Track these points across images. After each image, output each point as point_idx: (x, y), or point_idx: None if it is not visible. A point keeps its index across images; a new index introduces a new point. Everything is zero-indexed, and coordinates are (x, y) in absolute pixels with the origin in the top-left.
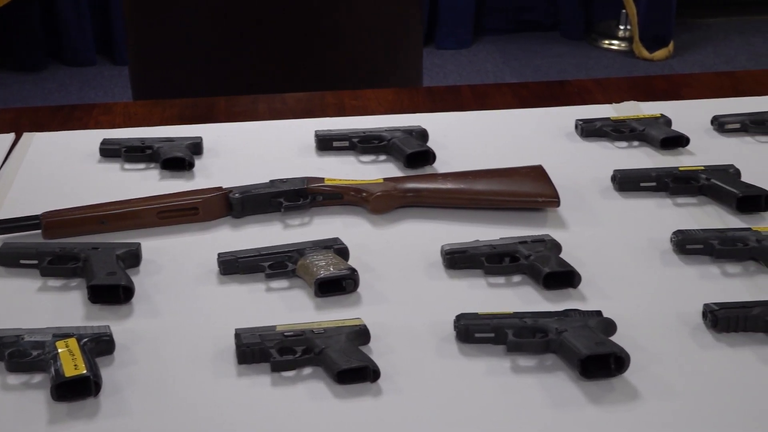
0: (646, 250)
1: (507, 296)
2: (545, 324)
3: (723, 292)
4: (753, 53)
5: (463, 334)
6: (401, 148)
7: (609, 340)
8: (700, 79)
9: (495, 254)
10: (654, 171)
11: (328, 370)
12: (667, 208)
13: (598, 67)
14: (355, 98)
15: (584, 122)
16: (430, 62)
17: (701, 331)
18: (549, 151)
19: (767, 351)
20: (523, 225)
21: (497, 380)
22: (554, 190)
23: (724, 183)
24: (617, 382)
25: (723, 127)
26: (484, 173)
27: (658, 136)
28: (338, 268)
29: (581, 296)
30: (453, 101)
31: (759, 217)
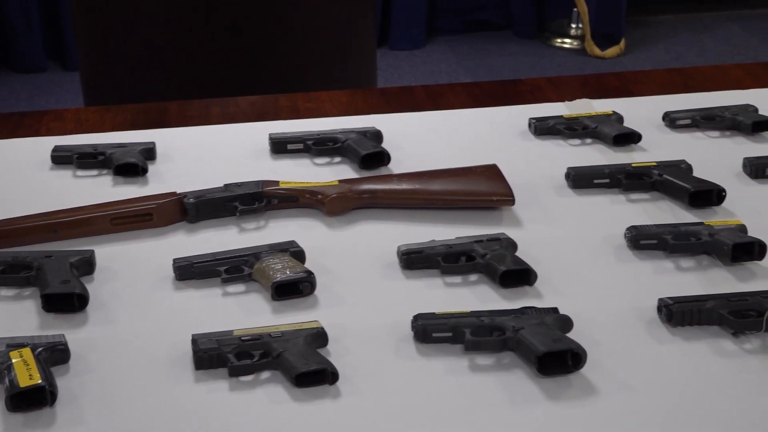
0: (600, 247)
1: (464, 295)
2: (502, 322)
3: (677, 286)
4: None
5: (421, 334)
6: (356, 150)
7: (566, 336)
8: (651, 76)
9: (451, 254)
10: (607, 168)
11: (286, 373)
12: (620, 204)
13: (551, 66)
14: (309, 100)
15: (537, 121)
16: (384, 63)
17: (656, 325)
18: (503, 150)
19: (722, 344)
20: (479, 224)
21: (456, 379)
22: (509, 189)
23: (677, 178)
24: (574, 379)
25: (674, 123)
26: (439, 173)
27: (610, 133)
28: (295, 271)
29: (537, 294)
30: (407, 102)
31: (711, 212)
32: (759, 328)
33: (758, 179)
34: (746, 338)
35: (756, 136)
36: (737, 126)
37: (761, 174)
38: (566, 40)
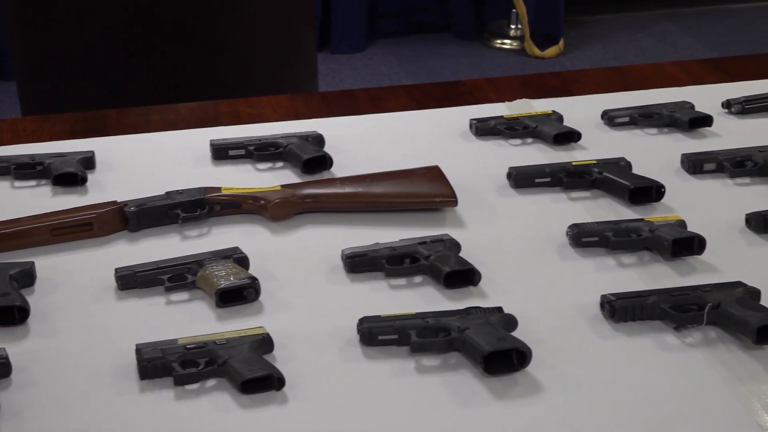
0: (543, 245)
1: (409, 297)
2: (447, 323)
3: (619, 282)
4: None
5: (367, 337)
6: (298, 154)
7: (510, 335)
8: (590, 75)
9: (395, 256)
10: (548, 167)
11: (232, 380)
12: (562, 203)
13: (491, 66)
14: (250, 106)
15: (478, 121)
16: (325, 67)
17: (599, 321)
18: (445, 152)
19: (664, 338)
20: (422, 226)
21: (402, 381)
22: (451, 190)
23: (616, 176)
24: (520, 377)
25: (613, 121)
26: (381, 176)
27: (550, 132)
28: (239, 278)
29: (482, 294)
30: (348, 105)
31: (651, 208)
32: (700, 321)
33: (696, 175)
34: (688, 332)
35: (693, 133)
36: (675, 123)
37: (699, 170)
38: (506, 41)
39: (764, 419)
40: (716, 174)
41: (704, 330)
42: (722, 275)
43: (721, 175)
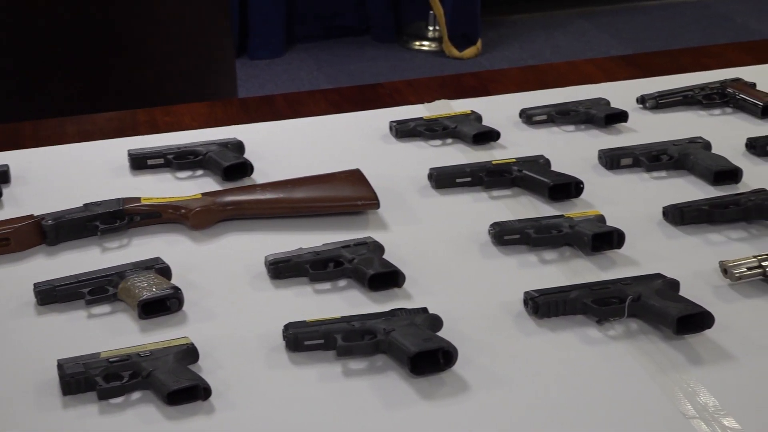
0: (465, 244)
1: (334, 301)
2: (373, 325)
3: (541, 278)
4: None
5: (293, 343)
6: (218, 162)
7: (436, 335)
8: (507, 74)
9: (319, 261)
10: (468, 167)
11: (157, 392)
12: (483, 202)
13: (411, 68)
14: (168, 114)
15: (398, 123)
16: (244, 73)
17: (523, 318)
18: (365, 155)
19: (587, 332)
20: (345, 229)
21: (330, 386)
22: (373, 193)
23: (536, 173)
24: (447, 376)
25: (531, 119)
26: (302, 181)
27: (469, 132)
28: (161, 288)
29: (407, 295)
30: (267, 111)
31: (570, 204)
32: (621, 314)
33: (613, 170)
34: (610, 325)
35: (609, 129)
36: (591, 119)
37: (616, 165)
38: (424, 43)
39: (687, 408)
40: (633, 168)
41: (626, 322)
42: (642, 268)
43: (638, 170)
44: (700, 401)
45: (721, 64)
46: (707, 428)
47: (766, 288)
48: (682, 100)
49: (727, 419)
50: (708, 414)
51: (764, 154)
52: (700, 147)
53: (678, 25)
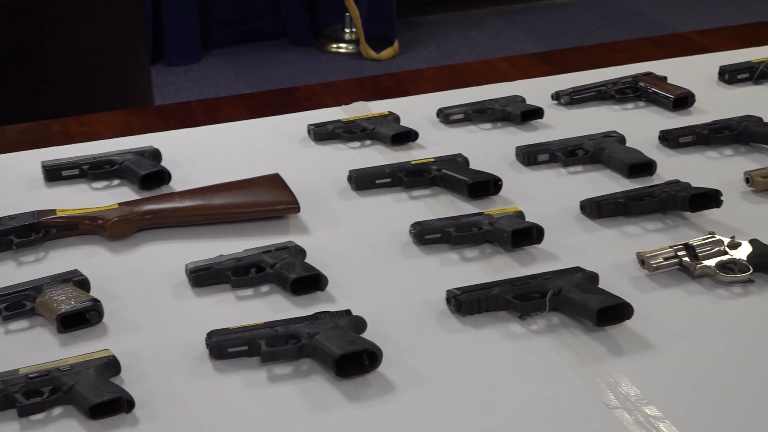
0: (387, 245)
1: (257, 307)
2: (297, 330)
3: (463, 276)
4: (473, 46)
5: (216, 351)
6: (134, 171)
7: (360, 337)
8: (424, 74)
9: (240, 267)
10: (387, 167)
11: (79, 406)
12: (403, 202)
13: (329, 71)
14: (82, 124)
15: (316, 126)
16: (160, 80)
17: (447, 316)
18: (284, 159)
19: (510, 327)
20: (266, 234)
21: (255, 392)
22: (293, 197)
23: (455, 172)
24: (373, 378)
25: (448, 118)
26: (221, 187)
27: (388, 133)
28: (80, 301)
29: (330, 298)
30: (184, 118)
31: (490, 201)
32: (543, 308)
33: (531, 166)
34: (532, 320)
35: (525, 125)
36: (507, 117)
37: (533, 161)
38: (342, 45)
39: (610, 398)
40: (550, 164)
41: (547, 316)
42: (561, 262)
43: (555, 165)
44: (622, 391)
45: (632, 59)
46: (630, 418)
47: (682, 277)
48: (596, 95)
49: (649, 408)
50: (630, 403)
51: (677, 146)
52: (614, 141)
53: (590, 21)
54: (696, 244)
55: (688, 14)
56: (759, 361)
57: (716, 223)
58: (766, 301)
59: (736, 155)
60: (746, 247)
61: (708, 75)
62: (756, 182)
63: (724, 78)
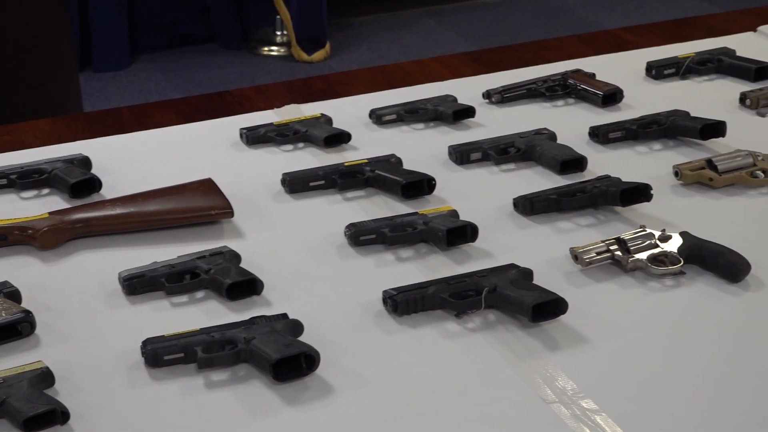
0: (322, 247)
1: (192, 314)
2: (233, 335)
3: (399, 276)
4: (404, 47)
5: (152, 359)
6: (64, 179)
7: (297, 340)
8: (355, 76)
9: (175, 273)
10: (321, 170)
11: (12, 420)
12: (337, 204)
13: (260, 74)
14: (8, 133)
15: (248, 130)
16: (89, 87)
17: (384, 317)
18: (217, 163)
19: (446, 326)
20: (200, 240)
21: (193, 399)
22: (226, 201)
23: (388, 172)
24: (311, 381)
25: (380, 119)
26: (153, 193)
27: (320, 135)
28: (11, 313)
29: (266, 302)
30: (113, 124)
31: (424, 201)
32: (479, 306)
33: (464, 165)
34: (469, 318)
35: (457, 125)
36: (439, 116)
37: (466, 160)
38: (273, 48)
39: (547, 393)
40: (482, 163)
41: (483, 314)
42: (496, 259)
43: (487, 163)
44: (559, 386)
45: (561, 57)
46: (567, 411)
47: (615, 271)
48: (526, 93)
49: (586, 401)
50: (567, 397)
51: (607, 141)
52: (545, 138)
53: (520, 20)
54: (627, 238)
55: (615, 11)
56: (691, 352)
57: (647, 216)
58: (697, 293)
59: (665, 149)
60: (676, 240)
61: (635, 71)
62: (684, 175)
63: (651, 74)
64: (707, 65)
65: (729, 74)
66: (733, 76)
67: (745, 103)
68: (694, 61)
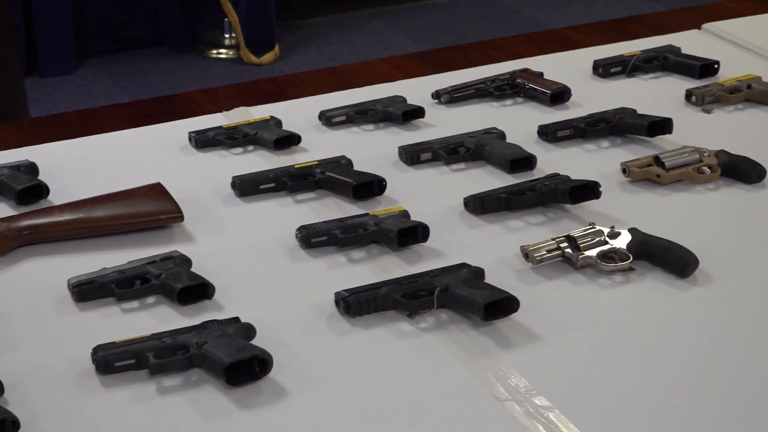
0: (274, 250)
1: (144, 319)
2: (185, 340)
3: (351, 278)
4: (353, 48)
5: (103, 366)
6: (10, 186)
7: (250, 344)
8: (304, 77)
9: (125, 279)
10: (271, 172)
11: None
12: (288, 207)
13: (210, 77)
14: None
15: (197, 134)
16: (36, 92)
17: (336, 318)
18: (166, 168)
19: (399, 326)
20: (151, 245)
21: (145, 406)
22: (176, 206)
23: (339, 174)
24: (264, 384)
25: (330, 121)
26: (102, 199)
27: (270, 137)
28: None
29: (218, 306)
30: (60, 130)
31: (375, 202)
32: (431, 306)
33: (414, 165)
34: (421, 318)
35: (407, 125)
36: (389, 117)
37: (416, 160)
38: (222, 51)
39: (500, 391)
40: (433, 163)
41: (436, 313)
42: (447, 259)
43: (437, 163)
44: (512, 383)
45: (509, 56)
46: (520, 409)
47: (565, 268)
48: (475, 92)
49: (539, 398)
50: (520, 395)
51: (555, 140)
52: (494, 137)
53: (468, 20)
54: (577, 236)
55: (563, 10)
56: (642, 347)
57: (596, 213)
58: (646, 289)
59: (613, 147)
60: (625, 236)
61: (583, 69)
62: (632, 172)
63: (598, 72)
64: (653, 63)
65: (675, 72)
66: (679, 73)
67: (690, 100)
68: (640, 59)
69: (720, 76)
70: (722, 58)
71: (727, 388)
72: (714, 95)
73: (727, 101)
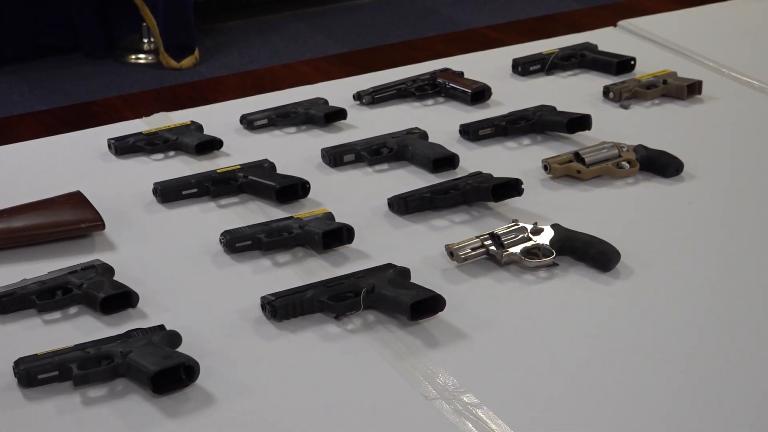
0: (198, 256)
1: (66, 330)
2: (109, 350)
3: (277, 281)
4: (274, 51)
5: (25, 379)
6: None
7: (176, 351)
8: (224, 81)
9: (46, 290)
10: (193, 177)
11: None
12: (211, 212)
13: (129, 83)
14: None
15: (116, 140)
16: None
17: (263, 323)
18: (85, 175)
19: (326, 329)
20: (71, 254)
21: (69, 418)
22: (96, 214)
23: (262, 178)
24: (191, 391)
25: (252, 124)
26: (19, 209)
27: (191, 142)
28: None
29: (142, 314)
30: None
31: (299, 205)
32: (357, 307)
33: (337, 167)
34: (348, 320)
35: (329, 127)
36: (311, 119)
37: (339, 162)
38: (140, 56)
39: (428, 390)
40: (356, 164)
41: (363, 315)
42: (373, 260)
43: (361, 165)
44: (440, 382)
45: (430, 56)
46: (449, 407)
47: (490, 266)
48: (397, 93)
49: (467, 395)
50: (448, 393)
51: (477, 138)
52: (417, 137)
53: (389, 21)
54: (501, 233)
55: (482, 10)
56: (567, 341)
57: (519, 210)
58: (570, 283)
59: (534, 144)
60: (548, 232)
61: (502, 68)
62: (553, 169)
63: (518, 70)
64: (571, 60)
65: (592, 68)
66: (596, 70)
67: (608, 96)
68: (558, 56)
69: (636, 72)
70: (638, 55)
71: (651, 379)
72: (631, 91)
73: (644, 97)
